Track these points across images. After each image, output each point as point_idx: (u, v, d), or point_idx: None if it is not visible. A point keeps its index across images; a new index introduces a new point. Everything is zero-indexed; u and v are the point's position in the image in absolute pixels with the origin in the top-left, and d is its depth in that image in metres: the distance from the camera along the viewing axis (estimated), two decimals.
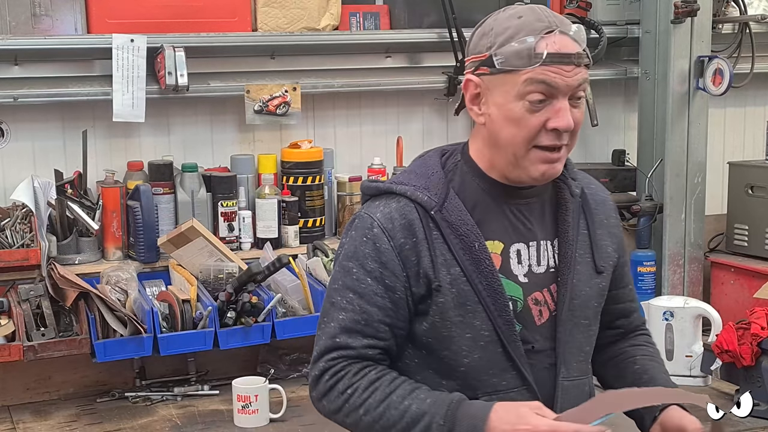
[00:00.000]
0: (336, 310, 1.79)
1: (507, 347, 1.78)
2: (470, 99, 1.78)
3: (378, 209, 1.79)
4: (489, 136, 1.78)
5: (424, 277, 1.76)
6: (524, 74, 1.70)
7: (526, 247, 1.83)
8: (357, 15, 3.56)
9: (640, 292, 3.65)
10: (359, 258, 1.77)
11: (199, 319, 2.99)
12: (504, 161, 1.78)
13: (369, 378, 1.76)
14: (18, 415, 2.99)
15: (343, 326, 1.77)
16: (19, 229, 3.02)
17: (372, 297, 1.76)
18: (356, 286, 1.77)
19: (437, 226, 1.76)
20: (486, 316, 1.76)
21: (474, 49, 1.77)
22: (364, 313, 1.76)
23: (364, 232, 1.78)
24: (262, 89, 3.35)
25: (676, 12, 3.58)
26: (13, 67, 3.19)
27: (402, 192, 1.79)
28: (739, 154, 4.19)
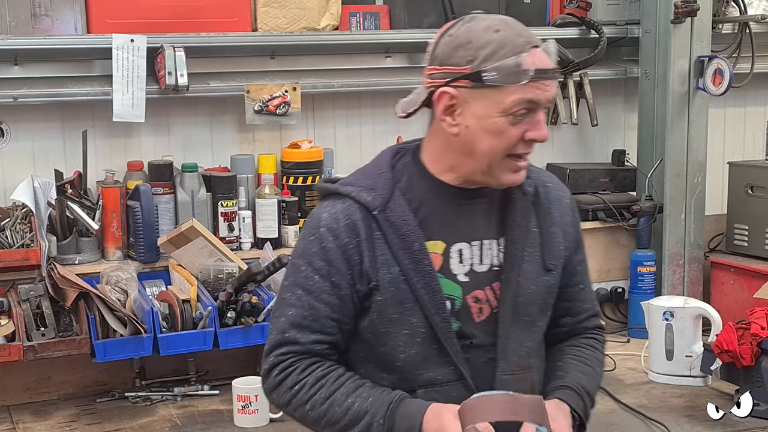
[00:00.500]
0: (285, 306, 1.86)
1: (443, 343, 1.84)
2: (443, 110, 1.81)
3: (325, 209, 1.86)
4: (461, 146, 1.81)
5: (366, 275, 1.82)
6: (513, 92, 1.74)
7: (469, 246, 1.88)
8: (357, 15, 3.56)
9: (640, 292, 3.66)
10: (307, 256, 1.84)
11: (199, 319, 2.99)
12: (474, 169, 1.83)
13: (316, 375, 1.83)
14: (18, 415, 2.99)
15: (292, 321, 1.84)
16: (19, 229, 3.02)
17: (319, 294, 1.83)
18: (304, 283, 1.84)
19: (379, 226, 1.83)
20: (422, 314, 1.83)
21: (447, 60, 1.79)
22: (311, 309, 1.83)
23: (312, 231, 1.85)
24: (262, 89, 3.35)
25: (676, 12, 3.58)
26: (13, 67, 3.19)
27: (347, 193, 1.86)
28: (739, 154, 4.19)
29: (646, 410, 2.89)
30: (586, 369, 2.01)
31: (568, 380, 1.95)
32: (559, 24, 3.78)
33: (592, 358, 2.04)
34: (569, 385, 1.93)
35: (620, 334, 3.71)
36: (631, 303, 3.74)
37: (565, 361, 2.01)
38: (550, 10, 3.83)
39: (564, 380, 1.95)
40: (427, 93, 1.83)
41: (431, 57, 1.82)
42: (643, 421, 2.83)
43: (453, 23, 1.84)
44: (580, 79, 3.77)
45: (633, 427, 2.81)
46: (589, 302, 2.08)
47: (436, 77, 1.80)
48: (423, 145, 1.92)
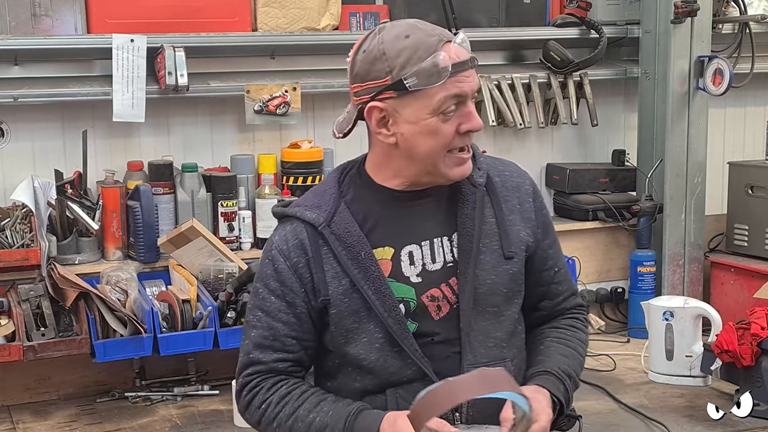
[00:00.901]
0: (249, 328, 1.95)
1: (401, 345, 1.88)
2: (376, 124, 1.85)
3: (277, 233, 1.94)
4: (402, 152, 1.86)
5: (318, 291, 1.89)
6: (438, 91, 1.79)
7: (419, 247, 1.92)
8: (357, 15, 3.56)
9: (640, 292, 3.66)
10: (263, 279, 1.93)
11: (199, 319, 2.99)
12: (420, 170, 1.87)
13: (280, 393, 1.91)
14: (18, 415, 2.99)
15: (255, 342, 1.93)
16: (19, 229, 3.02)
17: (277, 314, 1.91)
18: (263, 304, 1.92)
19: (326, 241, 1.89)
20: (378, 320, 1.87)
21: (367, 76, 1.84)
22: (271, 329, 1.92)
23: (266, 255, 1.94)
24: (262, 89, 3.35)
25: (676, 12, 3.58)
26: (13, 67, 3.19)
27: (293, 214, 1.93)
28: (739, 154, 4.19)
29: (646, 410, 2.89)
30: (566, 351, 2.02)
31: (548, 364, 1.97)
32: (559, 24, 3.78)
33: (572, 338, 2.06)
34: (548, 370, 1.95)
35: (620, 334, 3.71)
36: (631, 303, 3.74)
37: (545, 344, 2.04)
38: (550, 10, 3.83)
39: (543, 365, 1.97)
40: (357, 110, 1.89)
41: (352, 76, 1.89)
42: (643, 421, 2.83)
43: (364, 38, 1.89)
44: (580, 79, 3.77)
45: (633, 427, 2.81)
46: (565, 283, 2.10)
47: (362, 94, 1.86)
48: (367, 157, 1.97)
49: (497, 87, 3.65)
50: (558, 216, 3.90)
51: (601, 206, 3.77)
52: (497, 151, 3.81)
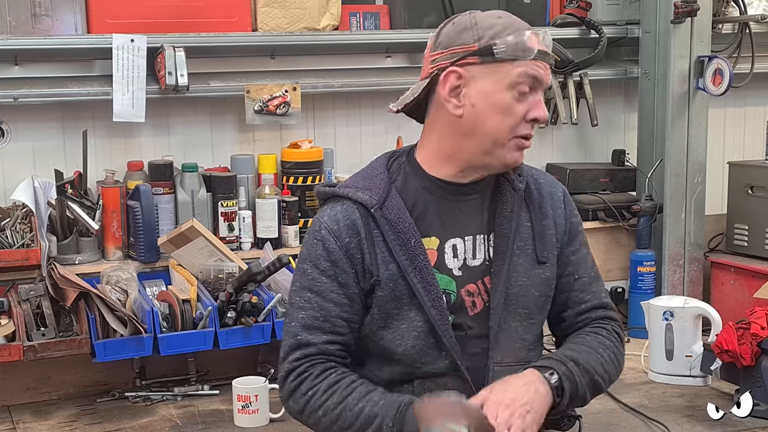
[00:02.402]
0: (295, 310, 1.91)
1: (440, 336, 1.88)
2: (449, 91, 1.84)
3: (326, 213, 1.92)
4: (465, 127, 1.86)
5: (368, 272, 1.88)
6: (519, 66, 1.81)
7: (462, 241, 1.93)
8: (357, 15, 3.56)
9: (640, 292, 3.66)
10: (312, 259, 1.90)
11: (199, 319, 2.99)
12: (477, 150, 1.87)
13: (329, 381, 1.87)
14: (18, 415, 2.99)
15: (304, 324, 1.89)
16: (19, 229, 3.02)
17: (328, 294, 1.88)
18: (312, 285, 1.89)
19: (377, 224, 1.88)
20: (420, 309, 1.87)
21: (451, 43, 1.83)
22: (322, 309, 1.88)
23: (315, 235, 1.91)
24: (262, 89, 3.35)
25: (676, 12, 3.58)
26: (13, 67, 3.19)
27: (345, 194, 1.92)
28: (739, 154, 4.19)
29: (646, 410, 2.89)
30: (580, 348, 1.98)
31: (553, 354, 1.97)
32: (559, 24, 3.78)
33: (593, 341, 2.01)
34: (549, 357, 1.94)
35: None
36: (631, 303, 3.74)
37: (564, 346, 2.02)
38: (550, 10, 3.83)
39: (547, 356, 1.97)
40: (429, 81, 1.87)
41: (434, 45, 1.87)
42: (643, 421, 2.83)
43: (455, 16, 1.89)
44: (580, 79, 3.77)
45: (633, 427, 2.81)
46: (589, 294, 2.07)
47: (440, 60, 1.84)
48: (417, 145, 1.98)
49: None
50: None
51: (601, 206, 3.77)
52: None
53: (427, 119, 1.94)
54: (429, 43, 1.90)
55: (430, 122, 1.93)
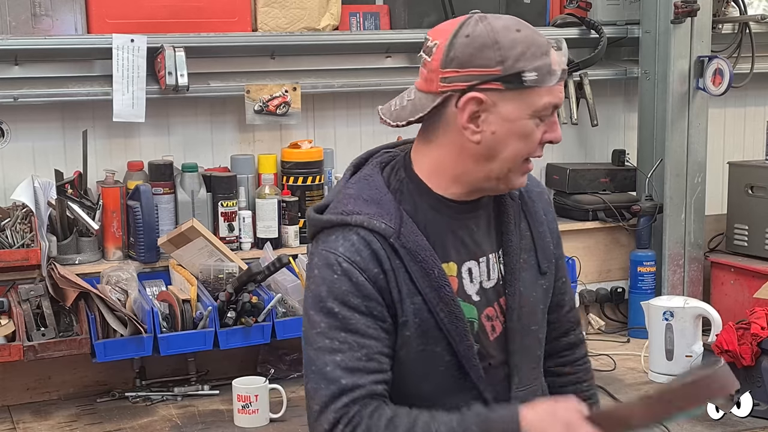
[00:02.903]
0: (328, 354, 1.67)
1: (466, 370, 1.75)
2: (468, 117, 1.67)
3: (338, 244, 1.70)
4: (481, 153, 1.70)
5: (393, 308, 1.71)
6: (545, 93, 1.67)
7: (477, 263, 1.79)
8: (357, 15, 3.56)
9: (640, 292, 3.66)
10: (338, 296, 1.68)
11: (199, 319, 2.99)
12: (489, 175, 1.73)
13: (386, 416, 1.67)
14: (18, 415, 2.99)
15: (345, 367, 1.66)
16: (19, 229, 3.02)
17: (366, 330, 1.68)
18: (345, 324, 1.67)
19: (398, 255, 1.70)
20: (447, 343, 1.73)
21: (469, 63, 1.65)
22: (363, 348, 1.67)
23: (334, 270, 1.68)
24: (262, 89, 3.35)
25: (676, 12, 3.58)
26: (13, 67, 3.19)
27: (359, 223, 1.70)
28: (739, 154, 4.19)
29: None
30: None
31: None
32: (559, 24, 3.78)
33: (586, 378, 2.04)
34: None
35: (620, 334, 3.71)
36: (631, 303, 3.74)
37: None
38: (550, 10, 3.83)
39: None
40: (441, 99, 1.68)
41: (446, 59, 1.67)
42: None
43: (462, 23, 1.70)
44: (580, 79, 3.77)
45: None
46: (568, 293, 2.03)
47: (456, 81, 1.66)
48: (415, 157, 1.78)
49: None
50: (558, 216, 3.87)
51: (601, 206, 3.77)
52: None
53: (431, 136, 1.75)
54: (437, 55, 1.68)
55: (437, 142, 1.74)
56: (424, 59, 1.72)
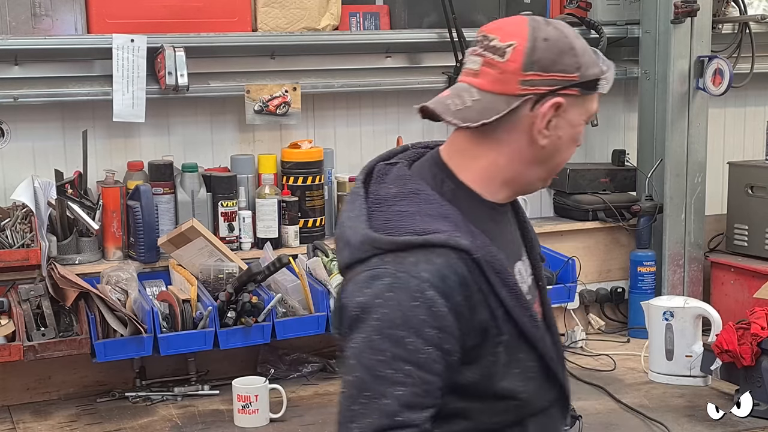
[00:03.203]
0: (389, 385, 1.57)
1: (552, 369, 1.75)
2: (546, 121, 1.65)
3: (420, 268, 1.59)
4: (541, 155, 1.69)
5: (478, 329, 1.64)
6: (595, 99, 1.69)
7: (521, 263, 1.80)
8: (357, 15, 3.56)
9: (640, 292, 3.66)
10: (413, 325, 1.57)
11: (199, 319, 2.99)
12: (540, 177, 1.73)
13: None
14: (18, 415, 2.99)
15: (405, 402, 1.57)
16: (20, 229, 3.02)
17: (431, 365, 1.59)
18: (413, 356, 1.57)
19: (480, 270, 1.63)
20: (529, 347, 1.71)
21: (552, 67, 1.63)
22: (425, 384, 1.59)
23: (414, 296, 1.57)
24: (262, 89, 3.35)
25: (676, 12, 3.58)
26: (13, 67, 3.19)
27: (441, 242, 1.60)
28: (739, 154, 4.19)
29: (646, 410, 2.89)
30: None
31: None
32: None
33: None
34: None
35: (620, 334, 3.71)
36: (631, 303, 3.74)
37: None
38: (550, 10, 3.83)
39: None
40: (520, 102, 1.64)
41: (528, 62, 1.62)
42: (643, 421, 2.83)
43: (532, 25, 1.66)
44: None
45: (633, 427, 2.81)
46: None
47: (539, 84, 1.63)
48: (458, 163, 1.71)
49: None
50: (558, 216, 3.90)
51: (601, 206, 3.78)
52: None
53: (486, 138, 1.68)
54: (516, 56, 1.62)
55: (494, 144, 1.68)
56: (490, 59, 1.65)
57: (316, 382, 3.24)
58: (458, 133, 1.71)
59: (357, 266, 1.63)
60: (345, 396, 1.61)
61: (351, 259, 1.65)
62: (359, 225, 1.66)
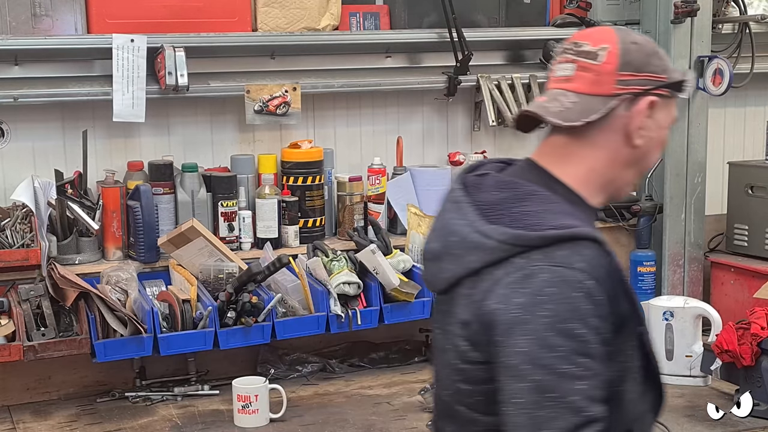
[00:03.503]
0: (570, 381, 1.53)
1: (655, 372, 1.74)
2: (642, 120, 1.70)
3: (574, 259, 1.59)
4: (634, 156, 1.72)
5: (620, 320, 1.63)
6: (675, 103, 1.76)
7: None
8: (357, 15, 3.56)
9: (641, 292, 3.66)
10: (581, 316, 1.55)
11: (199, 319, 2.99)
12: (631, 180, 1.77)
13: None
14: (18, 415, 2.99)
15: (588, 396, 1.54)
16: (20, 229, 3.02)
17: (600, 355, 1.57)
18: (586, 348, 1.55)
19: (614, 263, 1.65)
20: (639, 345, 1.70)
21: (644, 68, 1.69)
22: (599, 375, 1.56)
23: (575, 287, 1.56)
24: (262, 89, 3.35)
25: (676, 12, 3.58)
26: (13, 67, 3.19)
27: (588, 235, 1.62)
28: (739, 154, 4.19)
29: None
30: None
31: None
32: (559, 24, 3.78)
33: None
34: None
35: None
36: None
37: None
38: (550, 10, 3.83)
39: None
40: (618, 101, 1.67)
41: (623, 62, 1.67)
42: None
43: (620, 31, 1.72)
44: None
45: None
46: None
47: (633, 84, 1.68)
48: (556, 166, 1.72)
49: (497, 87, 3.64)
50: None
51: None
52: (497, 151, 3.81)
53: (586, 140, 1.70)
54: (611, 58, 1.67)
55: (590, 145, 1.70)
56: (584, 63, 1.69)
57: (316, 382, 3.24)
58: (552, 139, 1.73)
59: (494, 270, 1.60)
60: (524, 404, 1.54)
61: (483, 263, 1.61)
62: (486, 227, 1.63)
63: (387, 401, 3.07)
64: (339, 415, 2.95)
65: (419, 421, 2.89)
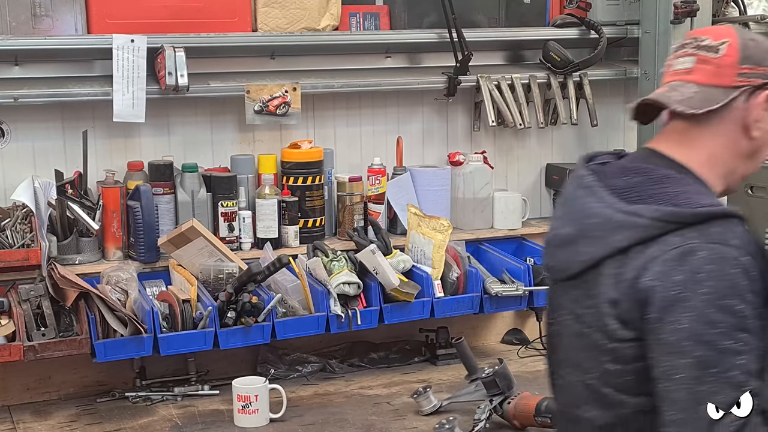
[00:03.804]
0: (731, 356, 1.58)
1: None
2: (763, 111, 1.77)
3: (728, 236, 1.64)
4: (749, 148, 1.79)
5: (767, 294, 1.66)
6: None
7: None
8: (357, 15, 3.56)
9: None
10: (740, 292, 1.59)
11: (199, 319, 2.99)
12: (747, 172, 1.83)
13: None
14: (18, 415, 2.99)
15: (748, 370, 1.59)
16: (20, 229, 3.02)
17: (757, 330, 1.61)
18: (744, 323, 1.59)
19: (758, 241, 1.70)
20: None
21: (763, 62, 1.77)
22: (755, 350, 1.60)
23: (732, 263, 1.60)
24: (262, 89, 3.35)
25: (676, 12, 3.58)
26: (13, 67, 3.19)
27: (734, 213, 1.69)
28: None
29: None
30: None
31: None
32: (559, 24, 3.78)
33: None
34: None
35: None
36: None
37: None
38: (550, 10, 3.83)
39: None
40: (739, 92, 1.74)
41: (743, 56, 1.75)
42: None
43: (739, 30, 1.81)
44: (579, 80, 3.77)
45: None
46: None
47: (753, 77, 1.75)
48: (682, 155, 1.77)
49: (497, 87, 3.65)
50: None
51: None
52: (497, 152, 3.81)
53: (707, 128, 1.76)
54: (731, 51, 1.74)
55: (713, 134, 1.76)
56: (704, 56, 1.76)
57: (315, 382, 3.24)
58: (672, 126, 1.79)
59: (645, 249, 1.63)
60: (684, 379, 1.60)
61: (632, 241, 1.64)
62: (632, 207, 1.66)
63: (387, 401, 3.07)
64: (339, 415, 2.95)
65: (419, 421, 2.89)
